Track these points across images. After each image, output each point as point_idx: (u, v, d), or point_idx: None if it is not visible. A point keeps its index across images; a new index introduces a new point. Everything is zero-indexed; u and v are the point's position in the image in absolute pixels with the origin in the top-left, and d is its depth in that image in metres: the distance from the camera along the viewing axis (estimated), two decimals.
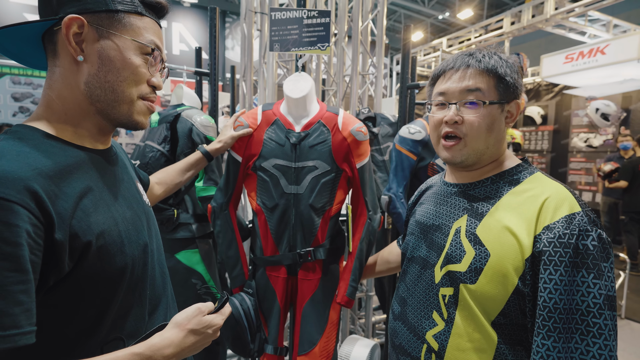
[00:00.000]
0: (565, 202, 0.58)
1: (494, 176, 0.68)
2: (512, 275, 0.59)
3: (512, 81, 0.65)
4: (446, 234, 0.70)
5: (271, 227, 1.20)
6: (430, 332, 0.68)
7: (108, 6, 0.54)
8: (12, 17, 5.21)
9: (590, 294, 0.53)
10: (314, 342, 1.21)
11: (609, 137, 5.00)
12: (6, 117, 4.22)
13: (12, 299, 0.41)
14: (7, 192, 0.42)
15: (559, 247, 0.55)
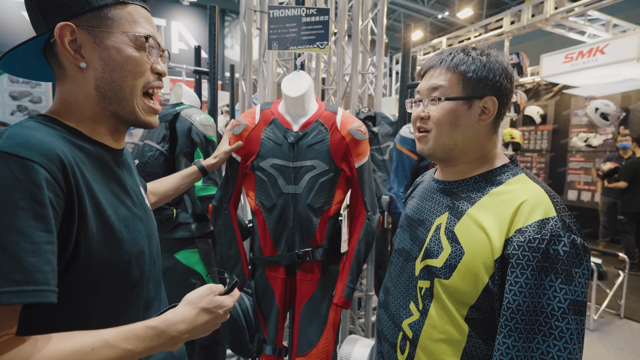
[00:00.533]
0: (540, 206, 0.59)
1: (477, 175, 0.70)
2: (482, 274, 0.61)
3: (476, 78, 0.66)
4: (428, 229, 0.73)
5: (269, 227, 1.20)
6: (406, 321, 0.72)
7: (91, 4, 0.54)
8: (10, 15, 5.18)
9: (556, 298, 0.54)
10: (313, 343, 1.20)
11: (609, 137, 5.00)
12: (4, 116, 4.19)
13: (44, 257, 0.43)
14: (40, 158, 0.45)
15: (527, 251, 0.56)
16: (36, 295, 0.42)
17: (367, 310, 2.18)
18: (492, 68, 0.67)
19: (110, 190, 0.58)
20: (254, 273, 1.28)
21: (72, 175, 0.49)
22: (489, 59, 0.67)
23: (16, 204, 0.43)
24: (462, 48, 0.70)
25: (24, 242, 0.42)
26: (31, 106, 4.30)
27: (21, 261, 0.42)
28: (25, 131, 0.48)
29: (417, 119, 0.73)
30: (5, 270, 0.41)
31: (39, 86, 4.33)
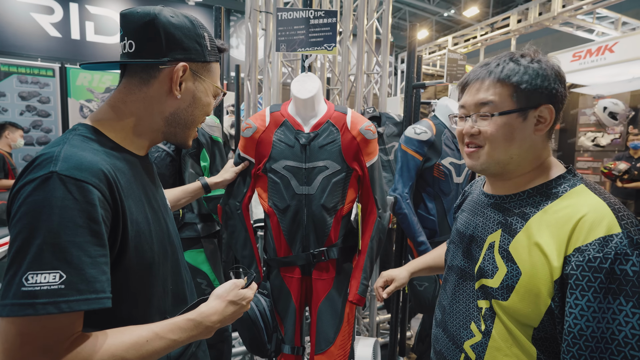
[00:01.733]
0: (602, 222, 0.54)
1: (530, 189, 0.66)
2: (544, 296, 0.57)
3: (529, 88, 0.62)
4: (480, 246, 0.70)
5: (284, 229, 1.21)
6: (468, 343, 0.69)
7: (205, 59, 0.68)
8: (19, 16, 5.24)
9: (629, 324, 0.49)
10: (330, 341, 1.22)
11: (617, 136, 4.94)
12: (13, 116, 4.25)
13: (100, 269, 0.51)
14: (89, 177, 0.51)
15: (587, 272, 0.52)
16: (97, 302, 0.49)
17: (372, 310, 2.19)
18: (546, 75, 0.63)
19: (141, 196, 0.64)
20: (269, 274, 1.30)
21: (117, 190, 0.56)
22: (540, 65, 0.63)
23: (76, 223, 0.49)
24: (510, 56, 0.66)
25: (84, 256, 0.49)
26: (40, 106, 4.35)
27: (83, 273, 0.49)
28: (77, 152, 0.54)
29: (465, 135, 0.70)
30: (72, 281, 0.48)
31: (47, 86, 4.39)
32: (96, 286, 0.49)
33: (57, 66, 4.41)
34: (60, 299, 0.46)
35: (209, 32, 0.70)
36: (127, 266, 0.58)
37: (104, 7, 5.77)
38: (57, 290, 0.46)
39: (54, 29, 5.48)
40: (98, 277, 0.50)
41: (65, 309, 0.46)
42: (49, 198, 0.48)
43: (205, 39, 0.68)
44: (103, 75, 4.65)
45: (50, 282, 0.46)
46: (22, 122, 3.99)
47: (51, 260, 0.47)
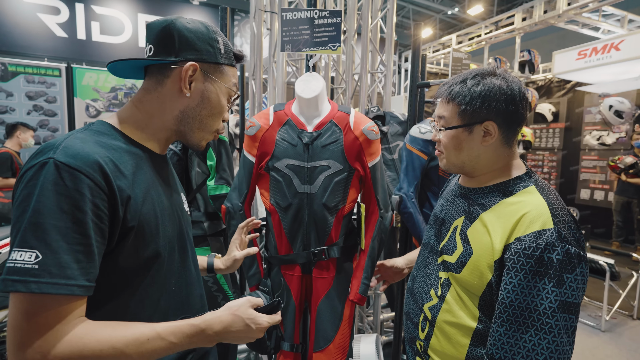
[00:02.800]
0: (540, 219, 0.67)
1: (492, 185, 0.78)
2: (486, 272, 0.71)
3: (470, 108, 0.74)
4: (447, 229, 0.83)
5: (285, 227, 1.22)
6: (427, 305, 0.83)
7: (217, 60, 0.70)
8: (26, 17, 5.29)
9: (547, 299, 0.63)
10: (329, 339, 1.23)
11: (622, 135, 4.90)
12: (20, 115, 4.30)
13: (75, 257, 0.51)
14: (82, 166, 0.53)
15: (522, 257, 0.65)
16: (65, 288, 0.50)
17: (376, 308, 2.20)
18: (487, 96, 0.73)
19: (151, 190, 0.66)
20: (270, 272, 1.31)
21: (114, 180, 0.57)
22: (484, 87, 0.73)
23: (62, 208, 0.51)
24: (463, 78, 0.77)
25: (62, 241, 0.50)
26: (46, 105, 4.40)
27: (58, 257, 0.50)
28: (77, 143, 0.56)
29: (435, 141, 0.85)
30: (46, 263, 0.49)
31: (54, 86, 4.43)
32: (67, 272, 0.50)
33: (63, 66, 4.46)
34: (31, 278, 0.48)
35: (224, 38, 0.73)
36: (128, 254, 0.60)
37: (110, 7, 5.81)
38: (30, 269, 0.48)
39: (60, 29, 5.52)
40: (70, 264, 0.50)
41: (35, 290, 0.48)
42: (43, 182, 0.51)
43: (219, 43, 0.71)
44: (109, 75, 4.69)
45: (25, 260, 0.48)
46: (29, 121, 4.03)
47: (31, 239, 0.49)
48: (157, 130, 0.70)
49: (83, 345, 0.50)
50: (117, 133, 0.65)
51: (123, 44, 5.96)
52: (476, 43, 5.98)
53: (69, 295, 0.50)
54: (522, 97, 0.74)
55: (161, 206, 0.67)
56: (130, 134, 0.67)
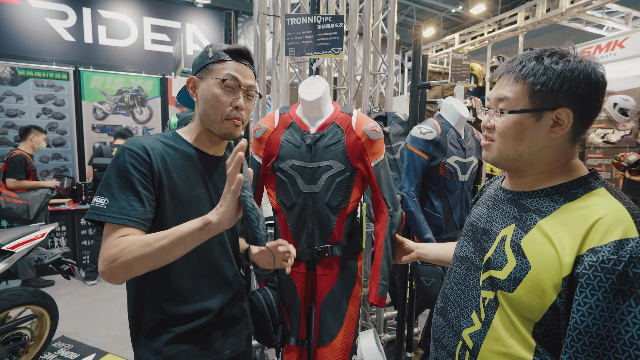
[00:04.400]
0: (619, 225, 0.55)
1: (549, 188, 0.66)
2: (550, 291, 0.58)
3: (545, 89, 0.61)
4: (492, 239, 0.70)
5: (290, 225, 1.26)
6: (467, 331, 0.71)
7: (204, 63, 0.88)
8: (34, 22, 5.39)
9: (635, 326, 0.51)
10: (333, 335, 1.26)
11: (628, 133, 4.87)
12: (30, 118, 4.39)
13: (128, 202, 0.76)
14: (134, 148, 0.80)
15: (600, 272, 0.53)
16: (119, 219, 0.75)
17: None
18: (569, 77, 0.60)
19: (188, 176, 0.86)
20: (277, 269, 1.34)
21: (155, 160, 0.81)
22: (566, 66, 0.61)
23: (121, 173, 0.78)
24: (537, 54, 0.65)
25: (120, 192, 0.77)
26: (55, 108, 4.48)
27: (117, 202, 0.76)
28: (138, 138, 0.84)
29: (483, 127, 0.72)
30: (110, 205, 0.76)
31: (62, 89, 4.52)
32: (122, 211, 0.75)
33: (71, 69, 4.54)
34: (101, 213, 0.75)
35: (218, 46, 0.89)
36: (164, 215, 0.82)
37: (116, 11, 5.89)
38: (101, 208, 0.76)
39: (67, 33, 5.61)
40: (126, 206, 0.76)
41: (102, 219, 0.75)
42: (114, 158, 0.80)
43: (209, 52, 0.88)
44: (115, 77, 4.77)
45: (99, 202, 0.76)
46: (38, 124, 4.12)
47: (103, 191, 0.77)
48: (198, 133, 0.91)
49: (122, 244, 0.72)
50: (176, 137, 0.90)
51: (129, 47, 6.05)
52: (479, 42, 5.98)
53: (121, 224, 0.75)
54: (605, 87, 0.62)
55: (197, 193, 0.87)
56: (189, 139, 0.91)
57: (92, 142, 4.71)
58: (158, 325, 0.83)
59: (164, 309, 0.84)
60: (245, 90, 0.88)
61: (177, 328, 0.84)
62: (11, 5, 5.19)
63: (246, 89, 0.88)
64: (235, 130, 0.89)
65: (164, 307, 0.84)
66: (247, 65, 0.90)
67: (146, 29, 6.11)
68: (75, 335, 2.60)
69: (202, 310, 0.87)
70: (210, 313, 0.88)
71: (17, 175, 3.23)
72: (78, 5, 5.59)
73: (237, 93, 0.87)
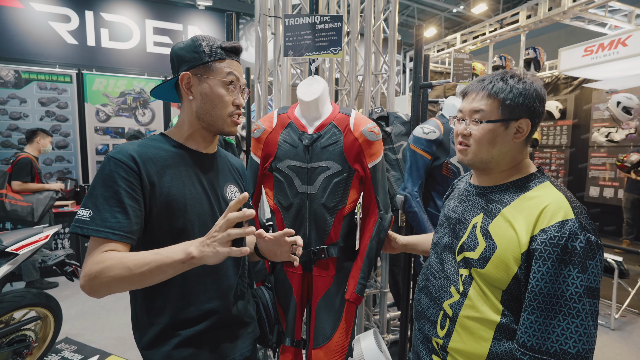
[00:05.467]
0: (561, 210, 0.71)
1: (508, 183, 0.82)
2: (512, 265, 0.74)
3: (512, 104, 0.78)
4: (465, 227, 0.86)
5: (287, 225, 1.25)
6: (447, 302, 0.85)
7: (202, 61, 0.84)
8: (38, 25, 5.43)
9: (574, 285, 0.67)
10: (328, 337, 1.25)
11: (631, 132, 4.83)
12: (34, 121, 4.42)
13: (112, 214, 0.74)
14: (121, 157, 0.77)
15: (549, 246, 0.69)
16: (102, 233, 0.72)
17: (382, 307, 2.22)
18: (527, 95, 0.78)
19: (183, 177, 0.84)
20: (274, 268, 1.34)
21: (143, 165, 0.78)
22: (524, 86, 0.78)
23: (107, 183, 0.75)
24: (502, 76, 0.82)
25: (105, 204, 0.74)
26: (58, 111, 4.51)
27: (101, 214, 0.73)
28: (125, 145, 0.81)
29: (459, 135, 0.86)
30: (94, 217, 0.73)
31: (65, 92, 4.54)
32: (105, 224, 0.73)
33: (74, 72, 4.57)
34: (84, 226, 0.73)
35: (210, 40, 0.86)
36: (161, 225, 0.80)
37: (118, 14, 5.92)
38: (84, 220, 0.73)
39: (70, 36, 5.64)
40: (110, 219, 0.73)
41: (85, 232, 0.72)
42: (100, 168, 0.78)
43: (203, 47, 0.84)
44: (118, 80, 4.79)
45: (83, 215, 0.74)
46: (42, 127, 4.13)
47: (87, 202, 0.75)
48: (190, 131, 0.88)
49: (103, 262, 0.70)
50: (165, 138, 0.88)
51: (131, 49, 6.07)
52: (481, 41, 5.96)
53: (104, 238, 0.72)
54: (544, 99, 0.81)
55: (192, 192, 0.85)
56: (177, 139, 0.89)
57: (95, 144, 4.74)
58: (165, 329, 0.83)
59: (170, 312, 0.83)
60: (242, 88, 0.90)
61: (185, 331, 0.83)
62: (14, 9, 5.23)
63: (242, 87, 0.90)
64: (236, 128, 0.91)
65: (170, 310, 0.83)
66: (239, 62, 0.91)
67: (148, 31, 6.14)
68: (79, 337, 2.61)
69: (209, 311, 0.86)
70: (217, 314, 0.87)
71: (22, 177, 3.25)
72: (81, 9, 5.63)
73: (237, 91, 0.88)
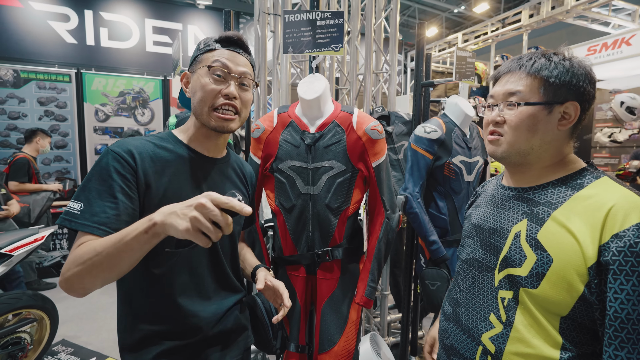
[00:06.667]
0: (635, 209, 0.56)
1: (555, 180, 0.68)
2: (576, 283, 0.57)
3: (558, 82, 0.65)
4: (504, 237, 0.70)
5: (289, 228, 1.22)
6: (487, 334, 0.69)
7: (195, 56, 0.83)
8: (37, 24, 5.41)
9: None
10: (334, 341, 1.22)
11: (635, 132, 4.79)
12: (32, 121, 4.39)
13: (102, 209, 0.69)
14: (120, 151, 0.73)
15: (630, 257, 0.53)
16: (90, 228, 0.68)
17: (383, 309, 2.18)
18: (576, 73, 0.65)
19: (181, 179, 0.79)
20: (276, 272, 1.31)
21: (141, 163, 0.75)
22: (572, 63, 0.66)
23: (102, 176, 0.71)
24: (543, 53, 0.69)
25: (97, 198, 0.70)
26: (57, 111, 4.48)
27: (92, 208, 0.69)
28: (127, 140, 0.77)
29: (490, 123, 0.72)
30: (84, 211, 0.69)
31: (64, 92, 4.52)
32: (93, 218, 0.68)
33: (73, 72, 4.54)
34: (73, 219, 0.68)
35: (209, 38, 0.84)
36: None
37: (118, 13, 5.90)
38: (74, 214, 0.69)
39: (70, 35, 5.63)
40: (98, 213, 0.69)
41: (73, 226, 0.68)
42: (99, 159, 0.74)
43: (201, 44, 0.83)
44: (117, 79, 4.77)
45: (74, 207, 0.69)
46: (40, 126, 4.11)
47: (80, 195, 0.71)
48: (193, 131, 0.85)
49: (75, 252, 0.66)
50: (171, 138, 0.84)
51: (131, 48, 6.05)
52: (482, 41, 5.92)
53: (89, 232, 0.67)
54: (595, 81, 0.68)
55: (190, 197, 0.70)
56: (185, 140, 0.84)
57: (94, 144, 4.71)
58: (148, 337, 0.79)
59: (153, 320, 0.79)
60: (237, 78, 0.80)
61: (168, 342, 0.79)
62: (13, 8, 5.21)
63: (238, 76, 0.81)
64: (228, 123, 0.81)
65: (153, 319, 0.79)
66: (239, 52, 0.83)
67: (148, 30, 6.11)
68: (76, 339, 2.58)
69: (194, 324, 0.81)
70: (204, 327, 0.83)
71: (19, 178, 3.22)
72: (80, 8, 5.60)
73: (227, 81, 0.80)
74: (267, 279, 0.90)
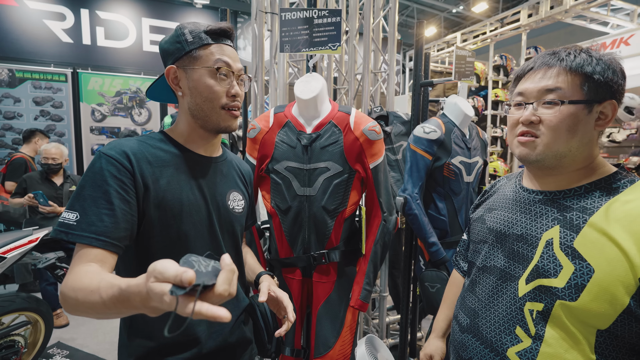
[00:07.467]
0: None
1: (587, 184, 0.63)
2: (622, 294, 0.53)
3: (602, 80, 0.60)
4: (533, 245, 0.65)
5: (285, 230, 1.20)
6: (514, 349, 0.64)
7: (186, 50, 0.75)
8: (32, 23, 5.36)
9: None
10: (330, 345, 1.20)
11: (633, 132, 4.79)
12: (28, 121, 4.35)
13: (99, 217, 0.65)
14: (114, 154, 0.69)
15: None
16: (88, 239, 0.64)
17: (381, 311, 2.16)
18: (615, 69, 0.61)
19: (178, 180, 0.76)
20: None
21: (137, 164, 0.71)
22: (609, 58, 0.62)
23: (96, 183, 0.67)
24: (581, 48, 0.64)
25: (93, 206, 0.66)
26: (53, 111, 4.45)
27: (88, 218, 0.65)
28: (120, 141, 0.73)
29: (521, 123, 0.66)
30: (81, 221, 0.65)
31: (60, 91, 4.48)
32: (91, 228, 0.65)
33: (69, 71, 4.50)
34: (70, 230, 0.64)
35: (193, 26, 0.76)
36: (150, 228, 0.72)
37: (114, 12, 5.85)
38: (70, 224, 0.65)
39: (65, 35, 5.58)
40: (95, 222, 0.65)
41: (70, 238, 0.64)
42: (92, 164, 0.69)
43: (185, 34, 0.75)
44: (114, 79, 4.73)
45: (69, 218, 0.65)
46: (36, 126, 4.07)
47: (75, 204, 0.66)
48: (187, 131, 0.80)
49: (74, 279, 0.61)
50: (166, 137, 0.80)
51: (127, 48, 6.01)
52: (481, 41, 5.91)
53: (87, 245, 0.64)
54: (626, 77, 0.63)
55: (190, 198, 0.76)
56: (178, 139, 0.80)
57: (91, 144, 4.67)
58: (149, 353, 0.76)
59: (154, 335, 0.76)
60: (238, 75, 0.78)
61: (171, 358, 0.76)
62: (8, 6, 5.17)
63: (238, 74, 0.79)
64: (234, 122, 0.80)
65: (154, 333, 0.76)
66: (231, 45, 0.80)
67: (145, 30, 6.08)
68: (72, 342, 2.55)
69: (196, 337, 0.78)
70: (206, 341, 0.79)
71: (16, 178, 3.19)
72: (76, 7, 5.56)
73: (230, 80, 0.77)
74: (271, 289, 0.87)
